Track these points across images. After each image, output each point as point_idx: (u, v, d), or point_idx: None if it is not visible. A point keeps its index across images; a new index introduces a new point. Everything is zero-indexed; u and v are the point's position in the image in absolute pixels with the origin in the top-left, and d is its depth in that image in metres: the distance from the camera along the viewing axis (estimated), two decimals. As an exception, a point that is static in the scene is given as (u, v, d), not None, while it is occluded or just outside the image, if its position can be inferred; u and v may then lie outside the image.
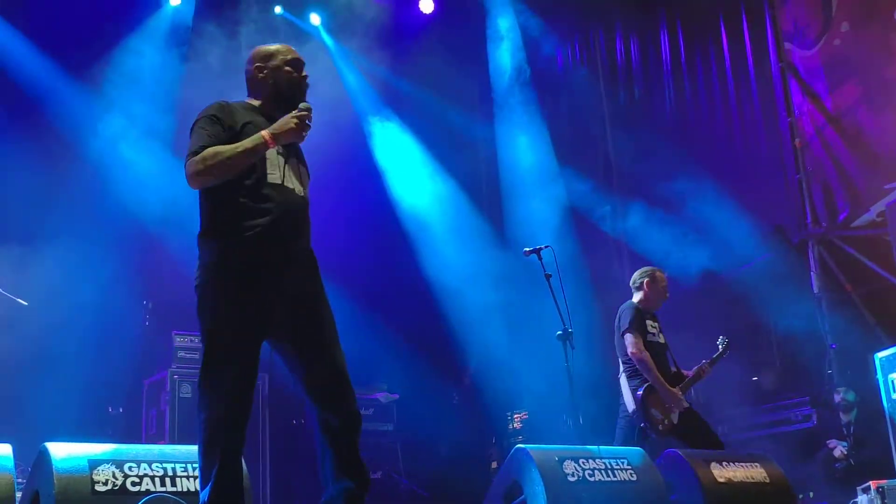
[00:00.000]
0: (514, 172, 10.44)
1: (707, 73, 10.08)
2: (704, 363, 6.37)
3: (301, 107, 3.59)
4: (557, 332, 5.66)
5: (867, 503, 5.87)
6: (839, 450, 7.69)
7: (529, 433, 8.30)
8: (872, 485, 5.81)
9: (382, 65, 9.91)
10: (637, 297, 6.44)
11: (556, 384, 7.00)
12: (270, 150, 3.56)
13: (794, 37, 9.27)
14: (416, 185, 10.25)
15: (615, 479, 4.81)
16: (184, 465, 3.73)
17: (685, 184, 9.38)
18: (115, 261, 7.83)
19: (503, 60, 10.63)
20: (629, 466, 4.93)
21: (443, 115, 10.22)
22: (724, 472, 5.21)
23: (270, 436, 7.23)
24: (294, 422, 7.78)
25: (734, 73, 9.85)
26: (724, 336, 6.53)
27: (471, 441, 8.87)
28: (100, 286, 7.66)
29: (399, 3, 10.05)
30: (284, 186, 3.58)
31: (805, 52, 9.16)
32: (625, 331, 6.20)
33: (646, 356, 6.09)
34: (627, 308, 6.32)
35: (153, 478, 3.64)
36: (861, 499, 5.95)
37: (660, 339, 6.35)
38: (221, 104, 3.64)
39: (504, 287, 9.74)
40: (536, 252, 5.85)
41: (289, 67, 3.75)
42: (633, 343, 6.13)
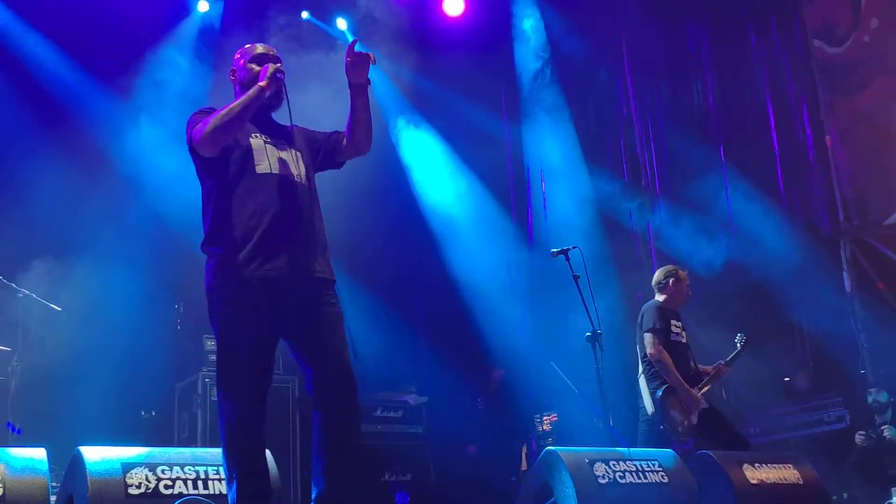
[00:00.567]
0: (541, 172, 10.42)
1: (735, 71, 10.01)
2: (721, 363, 6.33)
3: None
4: (586, 334, 5.64)
5: (903, 504, 5.81)
6: (859, 437, 7.60)
7: (559, 435, 8.26)
8: (908, 486, 5.75)
9: (408, 67, 9.91)
10: (661, 297, 6.40)
11: (586, 386, 6.99)
12: (255, 140, 3.62)
13: (823, 34, 9.19)
14: (444, 187, 10.24)
15: (646, 482, 4.77)
16: (216, 468, 3.75)
17: (714, 182, 9.33)
18: (147, 266, 7.89)
19: (528, 60, 10.59)
20: (660, 468, 4.89)
21: (469, 116, 10.21)
22: (757, 474, 5.16)
23: (301, 437, 7.25)
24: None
25: (763, 71, 9.77)
26: (743, 334, 6.47)
27: (501, 443, 8.84)
28: (131, 291, 7.72)
29: (424, 6, 10.06)
30: (274, 174, 3.59)
31: (834, 50, 9.08)
32: (646, 330, 6.15)
33: (665, 356, 6.03)
34: (651, 308, 6.28)
35: (185, 481, 3.66)
36: (896, 500, 5.88)
37: (682, 339, 6.30)
38: (208, 107, 3.73)
39: (532, 287, 9.72)
40: (564, 253, 5.82)
41: (251, 63, 3.77)
42: (653, 343, 6.07)
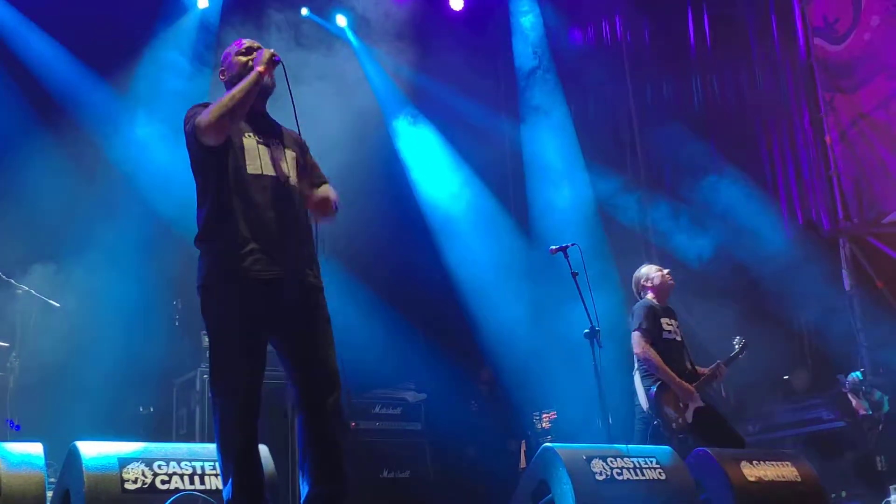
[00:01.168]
0: (540, 168, 10.41)
1: (735, 68, 10.00)
2: (719, 363, 6.35)
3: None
4: (585, 331, 5.65)
5: (901, 502, 5.81)
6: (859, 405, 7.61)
7: (558, 433, 8.26)
8: (906, 483, 5.75)
9: (408, 63, 9.90)
10: (649, 296, 6.44)
11: (584, 383, 6.97)
12: (248, 140, 3.60)
13: (824, 31, 9.18)
14: (442, 183, 10.24)
15: (644, 479, 4.77)
16: (213, 464, 3.75)
17: (714, 179, 9.32)
18: (145, 262, 7.88)
19: (528, 56, 10.60)
20: (658, 465, 4.89)
21: (468, 113, 10.21)
22: (755, 471, 5.15)
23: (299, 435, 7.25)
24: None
25: (763, 68, 9.76)
26: (742, 337, 6.50)
27: (499, 440, 8.83)
28: (129, 287, 7.71)
29: (424, 3, 10.05)
30: (265, 175, 3.58)
31: (835, 47, 9.07)
32: (634, 329, 6.22)
33: (652, 354, 6.07)
34: (640, 307, 6.32)
35: (182, 476, 3.66)
36: (894, 497, 5.88)
37: (676, 337, 6.33)
38: (205, 102, 3.70)
39: (530, 284, 9.71)
40: (563, 250, 5.84)
41: (238, 56, 3.77)
42: (639, 342, 6.14)
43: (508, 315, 9.65)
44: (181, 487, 3.62)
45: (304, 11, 9.62)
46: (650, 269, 6.53)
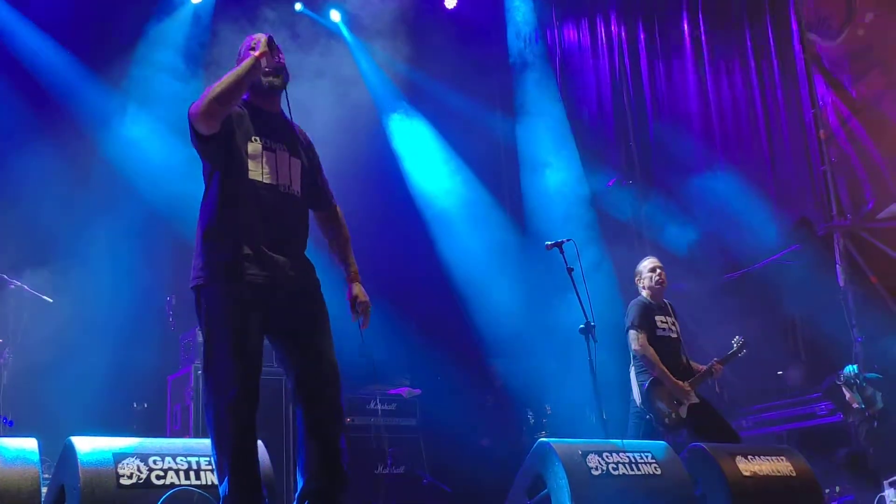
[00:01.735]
0: (535, 164, 10.39)
1: (729, 64, 10.00)
2: (715, 361, 6.38)
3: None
4: (580, 326, 5.66)
5: (894, 497, 5.82)
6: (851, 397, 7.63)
7: (553, 428, 8.26)
8: (900, 478, 5.76)
9: (402, 59, 9.89)
10: (643, 293, 6.53)
11: (580, 378, 6.97)
12: (253, 145, 3.57)
13: (817, 27, 9.18)
14: (437, 179, 10.23)
15: (639, 473, 4.77)
16: (208, 459, 3.73)
17: (708, 175, 9.32)
18: (139, 258, 7.87)
19: (521, 50, 10.58)
20: (653, 460, 4.89)
21: (463, 109, 10.19)
22: (750, 466, 5.16)
23: (293, 429, 7.24)
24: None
25: (757, 64, 9.77)
26: (741, 336, 6.53)
27: (495, 436, 8.82)
28: (123, 283, 7.70)
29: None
30: (265, 183, 3.57)
31: (828, 43, 9.07)
32: (628, 327, 6.31)
33: (649, 351, 6.17)
34: (633, 305, 6.41)
35: (177, 471, 3.65)
36: (888, 492, 5.89)
37: (671, 335, 6.38)
38: None
39: (526, 280, 9.71)
40: (558, 246, 5.85)
41: (251, 52, 3.70)
42: (636, 339, 6.24)
43: (503, 310, 9.64)
44: (177, 483, 3.60)
45: (298, 6, 9.61)
46: (644, 268, 6.58)
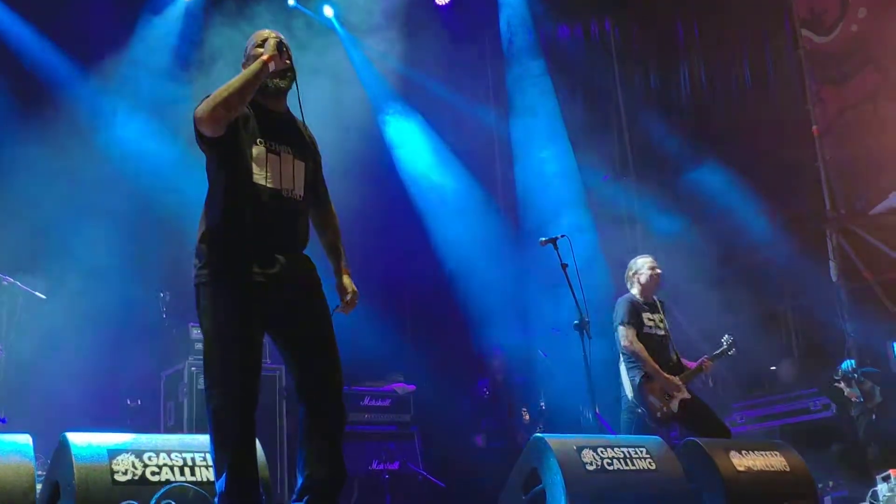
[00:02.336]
0: (529, 159, 10.39)
1: (723, 60, 10.01)
2: (706, 358, 6.41)
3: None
4: (574, 322, 5.68)
5: (887, 492, 5.83)
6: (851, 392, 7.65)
7: (548, 423, 8.27)
8: (893, 473, 5.78)
9: (396, 55, 9.88)
10: (633, 290, 6.53)
11: (574, 373, 6.98)
12: (258, 148, 3.55)
13: (811, 23, 9.19)
14: (431, 174, 10.23)
15: (634, 468, 4.78)
16: (203, 455, 3.73)
17: (702, 170, 9.33)
18: (132, 253, 7.85)
19: (515, 45, 10.57)
20: (648, 455, 4.90)
21: (457, 105, 10.19)
22: (744, 461, 5.18)
23: (287, 426, 7.25)
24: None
25: (751, 60, 9.77)
26: (731, 335, 6.56)
27: (490, 431, 8.82)
28: (117, 279, 7.68)
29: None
30: (268, 187, 3.55)
31: (822, 39, 9.09)
32: (618, 324, 6.32)
33: (638, 347, 6.18)
34: (622, 302, 6.42)
35: (172, 467, 3.64)
36: (881, 487, 5.91)
37: (658, 332, 6.41)
38: None
39: (520, 276, 9.71)
40: (552, 241, 5.88)
41: (257, 49, 3.66)
42: (625, 336, 6.25)
43: (498, 306, 9.65)
44: (172, 479, 3.60)
45: (291, 1, 9.58)
46: (641, 265, 6.57)
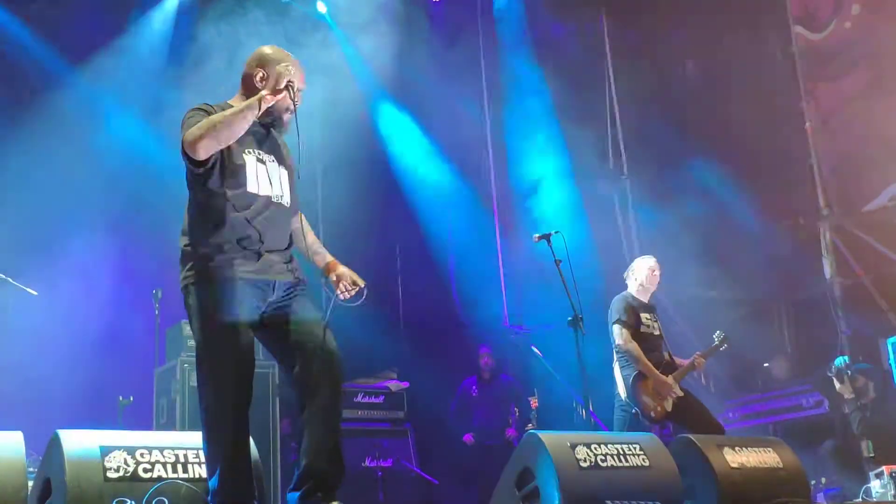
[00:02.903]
0: (522, 156, 10.37)
1: (716, 56, 10.01)
2: (698, 355, 6.43)
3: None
4: (568, 318, 5.68)
5: (881, 489, 5.85)
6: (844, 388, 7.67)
7: (541, 420, 8.27)
8: (886, 470, 5.80)
9: (388, 50, 9.85)
10: (630, 288, 6.54)
11: (568, 371, 6.98)
12: (248, 157, 3.57)
13: (804, 20, 9.20)
14: (424, 171, 10.22)
15: (627, 465, 4.77)
16: (195, 452, 3.71)
17: (695, 167, 9.33)
18: (125, 250, 7.83)
19: (509, 43, 10.56)
20: (641, 451, 4.89)
21: (449, 100, 10.16)
22: (737, 457, 5.17)
23: (281, 422, 7.24)
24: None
25: (744, 56, 9.77)
26: (722, 331, 6.59)
27: (483, 428, 8.81)
28: (109, 275, 7.66)
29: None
30: (260, 196, 3.58)
31: (815, 36, 9.09)
32: (613, 322, 6.33)
33: (632, 346, 6.21)
34: (618, 300, 6.45)
35: (165, 464, 3.62)
36: (874, 484, 5.93)
37: (654, 331, 6.44)
38: (205, 104, 3.63)
39: (514, 272, 9.71)
40: (546, 238, 5.87)
41: (280, 70, 3.55)
42: (620, 334, 6.28)
43: (491, 303, 9.65)
44: (164, 476, 3.58)
45: (285, -3, 9.56)
46: (642, 265, 6.59)
